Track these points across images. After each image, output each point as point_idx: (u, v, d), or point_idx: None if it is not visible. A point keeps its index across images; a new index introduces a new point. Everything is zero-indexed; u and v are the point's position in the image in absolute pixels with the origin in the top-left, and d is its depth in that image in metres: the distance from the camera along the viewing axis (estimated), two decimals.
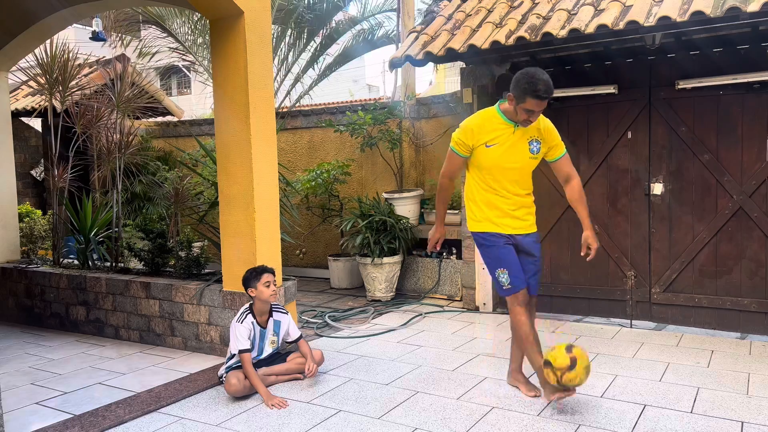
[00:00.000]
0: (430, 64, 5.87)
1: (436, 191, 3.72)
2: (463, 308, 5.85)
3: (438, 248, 3.71)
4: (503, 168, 3.43)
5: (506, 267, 3.46)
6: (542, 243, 5.46)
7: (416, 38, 5.50)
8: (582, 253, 3.50)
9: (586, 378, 3.20)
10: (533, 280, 3.56)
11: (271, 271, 3.86)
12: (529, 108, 3.23)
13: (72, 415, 3.47)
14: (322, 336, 5.07)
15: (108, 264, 5.76)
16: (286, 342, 4.04)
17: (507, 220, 3.48)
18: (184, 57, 8.94)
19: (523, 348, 3.53)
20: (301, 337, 4.01)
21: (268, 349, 3.91)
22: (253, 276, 3.82)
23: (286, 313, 4.04)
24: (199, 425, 3.33)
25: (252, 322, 3.81)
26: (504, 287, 3.48)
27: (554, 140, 3.50)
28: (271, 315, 3.92)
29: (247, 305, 3.88)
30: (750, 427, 3.12)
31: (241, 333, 3.72)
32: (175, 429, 3.30)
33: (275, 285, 3.84)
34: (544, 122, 3.47)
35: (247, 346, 3.71)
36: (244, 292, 3.91)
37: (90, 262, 5.79)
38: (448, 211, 5.89)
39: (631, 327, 5.11)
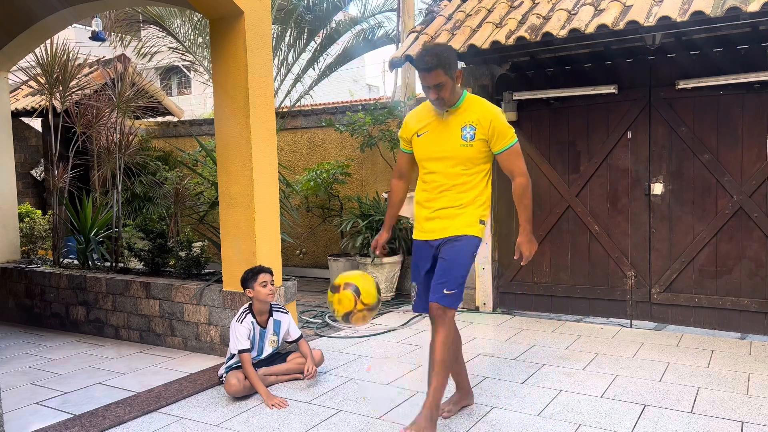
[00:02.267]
0: None
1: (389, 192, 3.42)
2: (463, 308, 5.85)
3: (378, 252, 3.41)
4: (433, 158, 3.10)
5: (416, 284, 3.24)
6: (542, 243, 5.50)
7: (416, 38, 5.50)
8: (515, 257, 3.16)
9: (330, 308, 3.14)
10: (437, 279, 3.07)
11: (268, 271, 3.86)
12: (422, 83, 2.96)
13: (72, 415, 3.47)
14: (322, 336, 5.07)
15: (108, 264, 5.76)
16: (287, 342, 4.04)
17: (429, 223, 3.13)
18: (184, 57, 8.94)
19: None
20: (301, 337, 4.01)
21: (268, 349, 3.91)
22: (250, 276, 3.83)
23: (287, 312, 4.04)
24: (199, 425, 3.33)
25: (252, 322, 3.81)
26: (413, 300, 3.32)
27: (494, 129, 3.02)
28: (271, 315, 3.92)
29: (246, 305, 3.88)
30: (750, 427, 3.12)
31: (240, 333, 3.72)
32: (175, 429, 3.30)
33: (272, 285, 3.84)
34: (484, 108, 3.07)
35: (247, 345, 3.71)
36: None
37: (90, 262, 5.79)
38: None
39: (631, 327, 5.11)
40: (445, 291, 3.02)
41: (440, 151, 3.08)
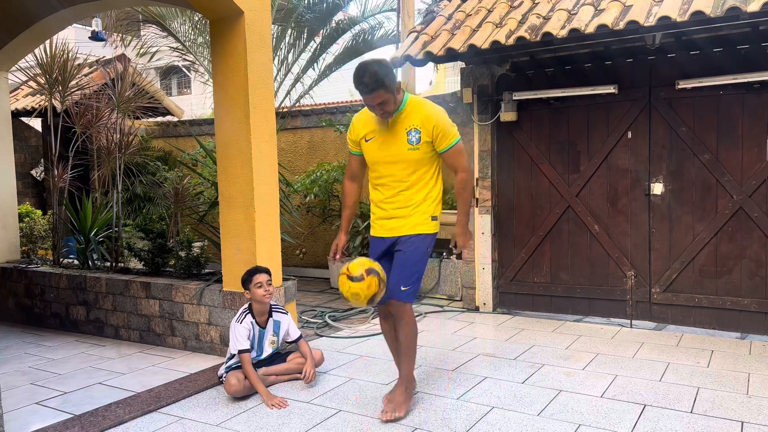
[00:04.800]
0: (430, 64, 5.87)
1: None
2: (463, 308, 5.85)
3: (338, 257, 3.48)
4: (383, 162, 3.24)
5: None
6: (542, 243, 5.51)
7: (416, 38, 5.50)
8: (454, 249, 3.37)
9: (353, 299, 3.10)
10: (393, 278, 3.25)
11: (265, 272, 3.86)
12: (365, 102, 3.10)
13: (72, 415, 3.47)
14: (322, 336, 5.06)
15: (108, 264, 5.76)
16: (286, 342, 4.04)
17: (386, 222, 3.29)
18: (184, 57, 8.94)
19: None
20: (301, 337, 4.01)
21: (267, 349, 3.91)
22: (246, 278, 3.84)
23: (286, 313, 4.04)
24: (199, 425, 3.33)
25: (251, 322, 3.81)
26: None
27: (437, 130, 3.13)
28: (270, 315, 3.92)
29: (246, 305, 3.88)
30: (750, 427, 3.12)
31: (240, 333, 3.72)
32: (175, 429, 3.30)
33: (269, 285, 3.82)
34: (426, 110, 3.16)
35: (247, 346, 3.71)
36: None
37: (90, 262, 5.79)
38: (447, 212, 5.87)
39: (631, 327, 5.11)
40: (402, 288, 3.24)
41: (389, 156, 3.22)
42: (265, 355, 3.90)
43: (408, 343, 3.35)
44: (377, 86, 3.01)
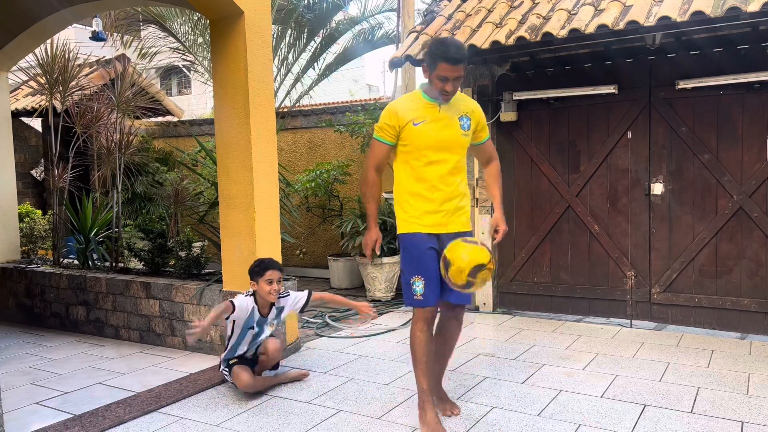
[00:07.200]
0: None
1: (363, 187, 3.33)
2: None
3: (378, 252, 3.36)
4: (435, 147, 3.13)
5: (424, 277, 3.13)
6: (542, 243, 5.51)
7: (416, 38, 5.50)
8: (490, 237, 3.34)
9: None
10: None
11: (278, 268, 3.73)
12: (442, 74, 3.01)
13: (72, 415, 3.47)
14: (322, 336, 5.06)
15: (108, 264, 5.76)
16: (300, 313, 4.07)
17: (436, 217, 3.16)
18: (184, 57, 8.94)
19: (413, 366, 3.20)
20: (310, 292, 3.98)
21: (267, 332, 3.84)
22: (257, 271, 3.71)
23: (287, 295, 3.93)
24: (199, 425, 3.33)
25: (253, 307, 3.71)
26: (415, 297, 3.15)
27: (483, 121, 3.33)
28: (272, 305, 3.88)
29: (251, 291, 3.77)
30: (750, 427, 3.12)
31: (240, 301, 3.65)
32: (175, 429, 3.30)
33: (279, 284, 3.72)
34: (470, 101, 3.32)
35: (237, 302, 3.64)
36: (244, 292, 3.85)
37: (90, 262, 5.79)
38: None
39: (631, 327, 5.11)
40: (466, 290, 3.12)
41: (444, 140, 3.16)
42: (263, 336, 3.82)
43: (455, 345, 3.48)
44: (464, 58, 3.06)
